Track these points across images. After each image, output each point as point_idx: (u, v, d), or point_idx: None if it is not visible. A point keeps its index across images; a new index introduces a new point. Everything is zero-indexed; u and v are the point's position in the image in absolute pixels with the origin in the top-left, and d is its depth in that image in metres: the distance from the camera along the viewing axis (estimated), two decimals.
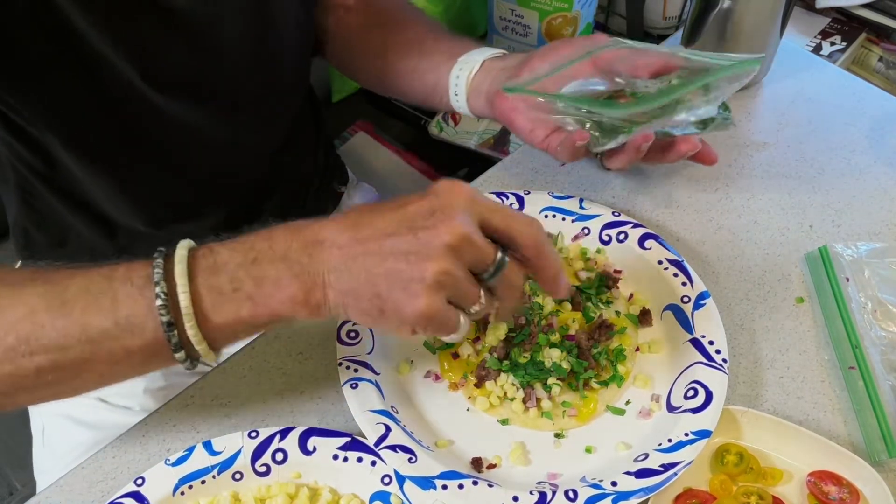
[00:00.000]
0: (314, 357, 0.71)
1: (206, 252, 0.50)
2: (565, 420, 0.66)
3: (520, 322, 0.68)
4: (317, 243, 0.49)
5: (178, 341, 0.49)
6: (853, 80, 0.97)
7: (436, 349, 0.70)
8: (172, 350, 0.49)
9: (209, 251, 0.50)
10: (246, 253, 0.50)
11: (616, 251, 0.76)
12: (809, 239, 0.80)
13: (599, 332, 0.69)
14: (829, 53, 1.21)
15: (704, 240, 0.80)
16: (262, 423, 0.67)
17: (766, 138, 0.89)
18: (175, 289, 0.48)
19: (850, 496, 0.60)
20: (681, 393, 0.65)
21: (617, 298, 0.73)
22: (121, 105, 0.65)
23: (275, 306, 0.49)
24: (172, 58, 0.65)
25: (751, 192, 0.84)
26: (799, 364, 0.70)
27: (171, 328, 0.49)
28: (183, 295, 0.48)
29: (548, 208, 0.77)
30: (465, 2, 1.31)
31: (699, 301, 0.70)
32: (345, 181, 0.99)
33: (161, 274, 0.49)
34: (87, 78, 0.62)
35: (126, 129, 0.67)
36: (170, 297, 0.48)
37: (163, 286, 0.48)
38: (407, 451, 0.60)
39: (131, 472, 0.64)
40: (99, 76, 0.62)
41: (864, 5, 1.22)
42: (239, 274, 0.49)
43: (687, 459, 0.60)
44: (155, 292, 0.48)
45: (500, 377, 0.67)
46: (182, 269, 0.49)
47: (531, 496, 0.59)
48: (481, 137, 1.20)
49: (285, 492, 0.61)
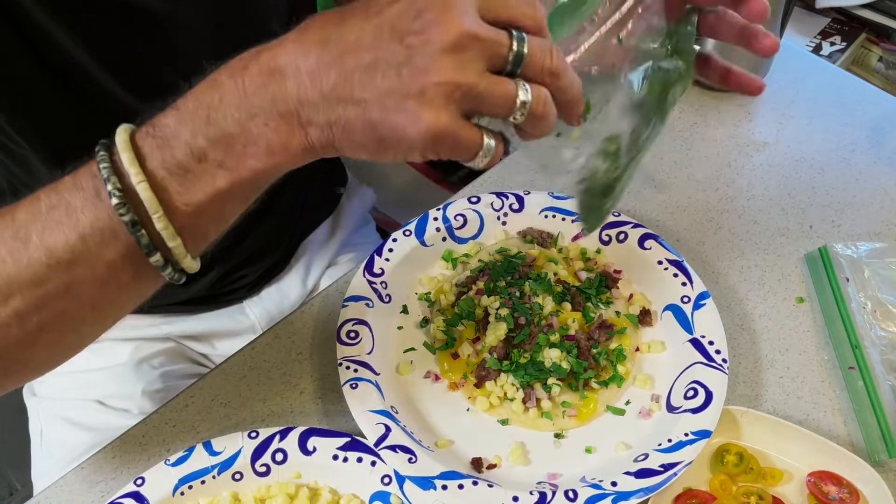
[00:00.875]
0: (314, 357, 0.71)
1: (148, 129, 0.42)
2: (565, 420, 0.66)
3: (520, 322, 0.68)
4: (276, 73, 0.40)
5: (150, 241, 0.42)
6: (853, 80, 0.97)
7: (436, 349, 0.70)
8: (146, 254, 0.42)
9: (152, 127, 0.42)
10: (195, 113, 0.41)
11: (616, 251, 0.76)
12: (809, 239, 0.80)
13: (599, 332, 0.69)
14: (829, 53, 1.21)
15: (704, 240, 0.80)
16: (262, 423, 0.67)
17: (766, 138, 0.89)
18: (129, 180, 0.41)
19: (850, 496, 0.60)
20: (681, 393, 0.65)
21: (617, 298, 0.73)
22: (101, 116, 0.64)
23: (253, 165, 0.41)
24: (148, 62, 0.63)
25: (751, 192, 0.84)
26: (799, 364, 0.70)
27: (135, 227, 0.41)
28: (140, 185, 0.40)
29: (548, 208, 0.77)
30: None
31: (699, 301, 0.70)
32: (343, 183, 0.99)
33: (109, 168, 0.41)
34: (64, 90, 0.60)
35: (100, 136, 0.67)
36: (126, 192, 0.41)
37: (114, 182, 0.40)
38: (407, 451, 0.60)
39: (131, 472, 0.64)
40: (77, 87, 0.60)
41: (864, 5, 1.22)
42: (197, 141, 0.41)
43: (687, 459, 0.60)
44: (108, 190, 0.41)
45: (500, 377, 0.67)
46: (129, 156, 0.41)
47: (531, 496, 0.59)
48: None
49: (285, 492, 0.61)
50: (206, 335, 0.88)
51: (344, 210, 0.97)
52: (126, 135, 0.42)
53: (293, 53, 0.40)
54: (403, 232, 0.76)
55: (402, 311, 0.73)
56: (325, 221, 0.94)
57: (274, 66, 0.41)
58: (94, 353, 0.83)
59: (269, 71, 0.41)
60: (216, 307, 0.87)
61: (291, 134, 0.41)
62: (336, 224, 0.96)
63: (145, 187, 0.41)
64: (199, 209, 0.42)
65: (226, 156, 0.41)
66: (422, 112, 0.39)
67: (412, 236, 0.75)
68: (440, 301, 0.73)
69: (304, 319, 0.75)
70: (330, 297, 0.76)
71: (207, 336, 0.88)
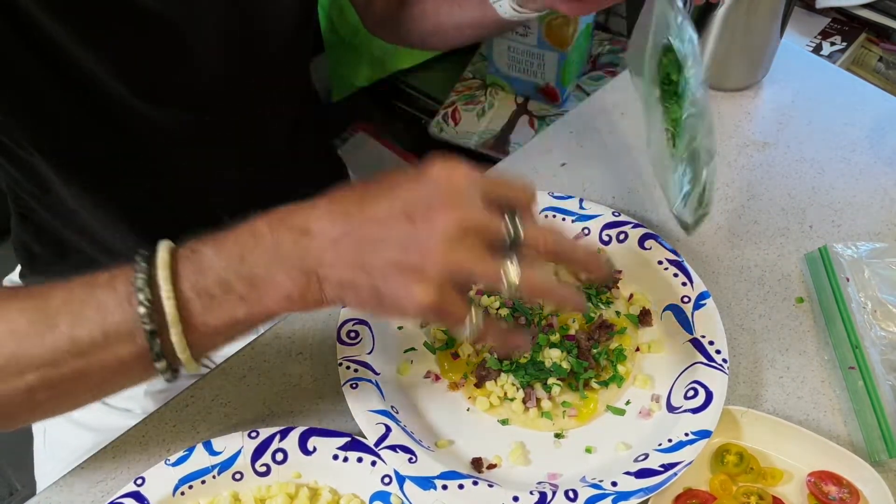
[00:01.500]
0: (314, 357, 0.72)
1: (188, 253, 0.47)
2: (565, 420, 0.66)
3: (520, 322, 0.68)
4: (306, 234, 0.47)
5: (160, 350, 0.47)
6: (853, 80, 0.97)
7: (436, 349, 0.70)
8: (154, 359, 0.47)
9: (191, 252, 0.47)
10: (231, 250, 0.47)
11: (616, 251, 0.76)
12: (809, 239, 0.80)
13: (599, 332, 0.69)
14: (829, 53, 1.21)
15: (704, 240, 0.80)
16: (262, 423, 0.67)
17: (766, 138, 0.89)
18: (160, 294, 0.46)
19: (850, 496, 0.60)
20: (681, 393, 0.65)
21: (617, 298, 0.73)
22: (110, 123, 0.64)
23: (270, 305, 0.47)
24: (157, 66, 0.64)
25: (751, 192, 0.84)
26: (799, 364, 0.70)
27: (153, 336, 0.46)
28: (168, 301, 0.46)
29: (548, 208, 0.77)
30: None
31: (699, 301, 0.70)
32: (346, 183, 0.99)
33: (144, 279, 0.46)
34: (74, 96, 0.60)
35: (117, 147, 0.67)
36: (154, 304, 0.46)
37: (146, 293, 0.45)
38: (407, 451, 0.60)
39: (131, 472, 0.64)
40: (86, 93, 0.61)
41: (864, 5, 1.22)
42: (228, 275, 0.46)
43: (687, 459, 0.60)
44: (138, 299, 0.46)
45: (500, 377, 0.67)
46: (166, 274, 0.46)
47: (531, 496, 0.59)
48: (481, 137, 1.20)
49: (285, 492, 0.61)
50: None
51: None
52: (167, 253, 0.47)
53: (322, 220, 0.47)
54: None
55: None
56: None
57: (305, 227, 0.47)
58: None
59: (300, 230, 0.47)
60: None
61: (308, 287, 0.47)
62: None
63: (172, 305, 0.46)
64: (213, 330, 0.47)
65: (249, 292, 0.47)
66: (416, 287, 0.44)
67: None
68: None
69: (304, 319, 0.75)
70: None
71: None
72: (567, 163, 0.87)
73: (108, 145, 0.66)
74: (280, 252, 0.47)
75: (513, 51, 1.16)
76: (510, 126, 1.20)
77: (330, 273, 0.46)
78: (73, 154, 0.65)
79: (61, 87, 0.60)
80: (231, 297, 0.47)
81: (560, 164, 0.87)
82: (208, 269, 0.47)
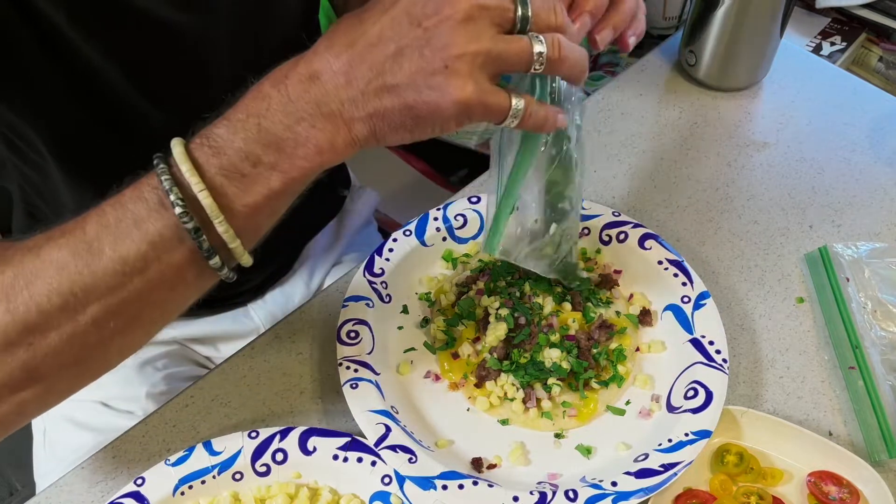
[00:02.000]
0: (314, 357, 0.72)
1: (202, 140, 0.45)
2: (565, 420, 0.66)
3: (520, 322, 0.68)
4: (315, 78, 0.44)
5: (210, 246, 0.45)
6: (853, 80, 0.97)
7: (436, 349, 0.70)
8: (206, 257, 0.45)
9: (205, 138, 0.45)
10: (246, 123, 0.45)
11: (616, 251, 0.76)
12: (809, 239, 0.80)
13: (599, 332, 0.69)
14: (829, 53, 1.21)
15: (704, 240, 0.80)
16: (262, 423, 0.67)
17: (766, 138, 0.89)
18: (192, 190, 0.44)
19: (850, 496, 0.60)
20: (681, 393, 0.65)
21: (617, 298, 0.73)
22: (123, 127, 0.64)
23: (303, 165, 0.45)
24: (172, 77, 0.63)
25: (751, 192, 0.84)
26: (799, 364, 0.70)
27: (198, 234, 0.44)
28: (202, 194, 0.44)
29: None
30: None
31: (699, 301, 0.70)
32: (347, 185, 0.99)
33: (170, 179, 0.44)
34: (91, 104, 0.60)
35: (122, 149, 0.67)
36: (188, 201, 0.44)
37: (176, 192, 0.43)
38: (407, 451, 0.60)
39: (131, 472, 0.64)
40: (100, 97, 0.61)
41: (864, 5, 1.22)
42: (250, 147, 0.44)
43: (687, 459, 0.60)
44: (171, 200, 0.43)
45: (500, 377, 0.67)
46: (189, 167, 0.44)
47: (531, 496, 0.59)
48: (481, 137, 1.20)
49: (285, 492, 0.61)
50: (210, 338, 0.88)
51: (348, 212, 0.97)
52: (181, 147, 0.45)
53: (326, 58, 0.44)
54: (404, 232, 0.76)
55: (402, 311, 0.73)
56: (329, 224, 0.94)
57: (311, 71, 0.44)
58: None
59: (308, 77, 0.44)
60: (221, 311, 0.87)
61: (336, 132, 0.44)
62: (340, 226, 0.96)
63: (206, 195, 0.43)
64: (255, 209, 0.45)
65: (278, 158, 0.44)
66: (449, 84, 0.42)
67: (412, 236, 0.75)
68: (440, 301, 0.73)
69: (304, 319, 0.75)
70: (330, 297, 0.76)
71: (211, 338, 0.89)
72: None
73: (121, 153, 0.66)
74: (296, 107, 0.44)
75: None
76: None
77: (354, 110, 0.44)
78: (84, 158, 0.65)
79: (75, 92, 0.60)
80: (261, 168, 0.44)
81: None
82: (228, 147, 0.44)
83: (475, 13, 0.43)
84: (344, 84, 0.44)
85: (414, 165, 1.32)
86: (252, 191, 0.45)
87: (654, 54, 0.99)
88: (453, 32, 0.42)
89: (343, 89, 0.44)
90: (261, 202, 0.45)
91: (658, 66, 0.98)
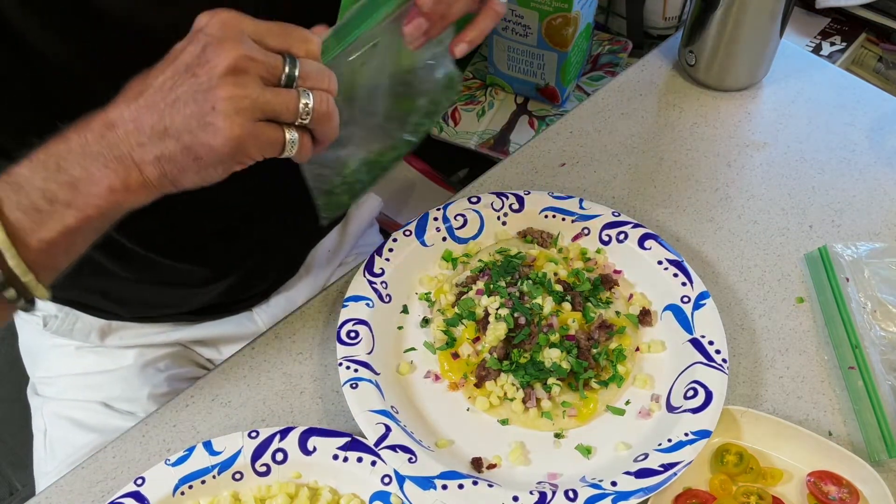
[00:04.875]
0: (314, 357, 0.72)
1: (4, 177, 0.47)
2: (565, 420, 0.66)
3: (520, 322, 0.68)
4: (110, 126, 0.47)
5: (4, 279, 0.46)
6: (853, 80, 0.97)
7: (436, 349, 0.70)
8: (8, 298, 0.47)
9: (7, 175, 0.47)
10: (46, 162, 0.47)
11: (616, 251, 0.76)
12: (809, 239, 0.80)
13: (599, 332, 0.69)
14: (829, 53, 1.21)
15: (704, 240, 0.80)
16: (262, 423, 0.67)
17: (766, 138, 0.89)
18: None
19: (850, 496, 0.60)
20: (681, 393, 0.65)
21: (617, 298, 0.73)
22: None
23: (97, 202, 0.47)
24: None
25: (751, 192, 0.84)
26: (799, 364, 0.70)
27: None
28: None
29: (548, 208, 0.77)
30: None
31: (699, 301, 0.70)
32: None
33: None
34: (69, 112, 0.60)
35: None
36: None
37: None
38: (407, 451, 0.60)
39: (131, 472, 0.64)
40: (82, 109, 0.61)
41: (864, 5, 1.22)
42: (48, 185, 0.46)
43: (687, 459, 0.60)
44: None
45: (500, 377, 0.67)
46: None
47: (531, 496, 0.59)
48: (481, 137, 1.20)
49: (285, 492, 0.61)
50: (213, 340, 0.88)
51: (352, 217, 0.97)
52: None
53: (120, 108, 0.47)
54: (403, 232, 0.76)
55: (402, 311, 0.73)
56: (333, 230, 0.94)
57: (108, 120, 0.47)
58: (100, 355, 0.84)
59: (104, 124, 0.47)
60: (226, 315, 0.87)
61: (128, 174, 0.47)
62: (344, 232, 0.96)
63: (1, 232, 0.45)
64: (51, 244, 0.47)
65: (73, 196, 0.47)
66: (219, 125, 0.46)
67: (412, 236, 0.76)
68: (440, 301, 0.73)
69: (303, 319, 0.75)
70: (330, 297, 0.76)
71: (214, 341, 0.89)
72: (567, 163, 0.87)
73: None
74: (92, 149, 0.47)
75: (513, 51, 1.16)
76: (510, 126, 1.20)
77: (142, 153, 0.47)
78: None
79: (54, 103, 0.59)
80: (57, 206, 0.47)
81: (560, 164, 0.87)
82: (27, 185, 0.46)
83: (243, 64, 0.46)
84: (133, 130, 0.47)
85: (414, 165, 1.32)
86: (47, 226, 0.47)
87: (654, 54, 0.99)
88: (222, 79, 0.46)
89: (132, 135, 0.47)
90: (56, 238, 0.47)
91: (658, 66, 0.98)
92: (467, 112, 1.23)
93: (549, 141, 0.89)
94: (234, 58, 0.46)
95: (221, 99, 0.45)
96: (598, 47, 1.29)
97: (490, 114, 1.23)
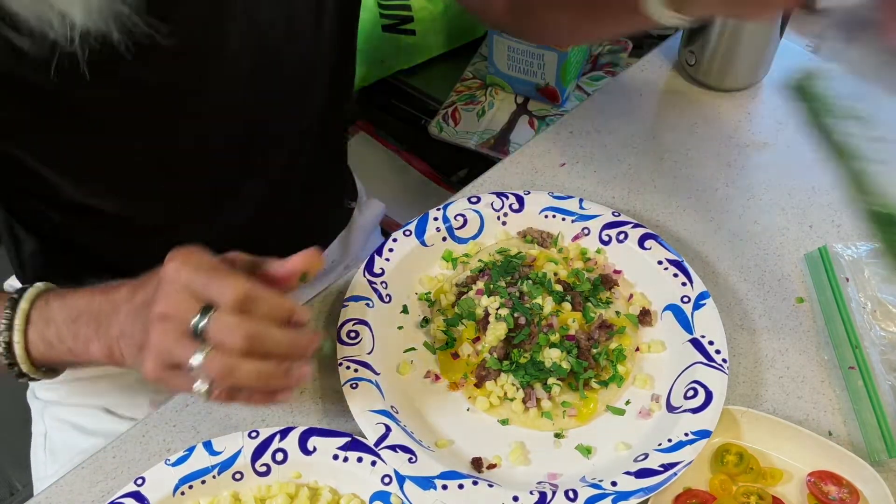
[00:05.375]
0: (314, 357, 0.71)
1: (43, 304, 0.58)
2: (565, 420, 0.66)
3: (520, 322, 0.68)
4: (115, 310, 0.56)
5: (19, 371, 0.59)
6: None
7: (436, 349, 0.70)
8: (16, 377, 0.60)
9: (45, 304, 0.58)
10: (70, 311, 0.58)
11: (616, 251, 0.76)
12: (809, 239, 0.80)
13: (599, 332, 0.69)
14: None
15: (704, 240, 0.80)
16: (262, 423, 0.67)
17: (766, 138, 0.89)
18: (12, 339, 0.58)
19: (850, 496, 0.60)
20: (681, 393, 0.65)
21: (617, 298, 0.73)
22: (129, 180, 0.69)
23: (90, 357, 0.58)
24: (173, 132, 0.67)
25: (751, 192, 0.84)
26: (799, 364, 0.70)
27: (11, 367, 0.59)
28: (17, 346, 0.58)
29: (548, 208, 0.77)
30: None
31: (699, 301, 0.70)
32: (354, 196, 0.98)
33: (6, 324, 0.58)
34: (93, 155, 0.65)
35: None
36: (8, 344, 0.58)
37: (5, 336, 0.58)
38: (407, 451, 0.60)
39: (131, 472, 0.64)
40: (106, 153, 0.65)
41: None
42: (63, 329, 0.57)
43: (687, 459, 0.60)
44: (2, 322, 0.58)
45: (500, 377, 0.67)
46: (20, 323, 0.58)
47: (531, 496, 0.59)
48: (481, 137, 1.20)
49: (285, 492, 0.61)
50: None
51: (356, 224, 0.97)
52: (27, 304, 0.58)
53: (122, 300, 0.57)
54: (403, 232, 0.76)
55: (402, 311, 0.73)
56: (337, 237, 0.94)
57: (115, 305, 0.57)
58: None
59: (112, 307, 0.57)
60: None
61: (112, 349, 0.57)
62: (348, 239, 0.96)
63: (21, 348, 0.58)
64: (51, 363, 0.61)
65: (75, 345, 0.58)
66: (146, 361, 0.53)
67: (412, 236, 0.76)
68: (440, 301, 0.73)
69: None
70: (330, 297, 0.76)
71: None
72: (567, 163, 0.87)
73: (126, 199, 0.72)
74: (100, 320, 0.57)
75: (513, 51, 1.16)
76: (510, 126, 1.20)
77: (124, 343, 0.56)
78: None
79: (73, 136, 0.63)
80: (63, 346, 0.58)
81: (560, 164, 0.87)
82: (51, 320, 0.58)
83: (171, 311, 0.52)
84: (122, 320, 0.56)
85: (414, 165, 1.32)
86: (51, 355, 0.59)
87: (654, 54, 0.99)
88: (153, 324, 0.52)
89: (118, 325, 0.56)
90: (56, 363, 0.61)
91: (658, 66, 0.98)
92: (467, 112, 1.23)
93: (549, 141, 0.89)
94: (164, 305, 0.52)
95: (149, 343, 0.52)
96: (597, 47, 1.29)
97: (490, 114, 1.23)
